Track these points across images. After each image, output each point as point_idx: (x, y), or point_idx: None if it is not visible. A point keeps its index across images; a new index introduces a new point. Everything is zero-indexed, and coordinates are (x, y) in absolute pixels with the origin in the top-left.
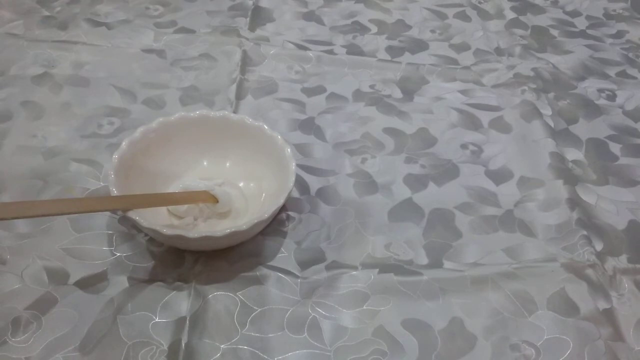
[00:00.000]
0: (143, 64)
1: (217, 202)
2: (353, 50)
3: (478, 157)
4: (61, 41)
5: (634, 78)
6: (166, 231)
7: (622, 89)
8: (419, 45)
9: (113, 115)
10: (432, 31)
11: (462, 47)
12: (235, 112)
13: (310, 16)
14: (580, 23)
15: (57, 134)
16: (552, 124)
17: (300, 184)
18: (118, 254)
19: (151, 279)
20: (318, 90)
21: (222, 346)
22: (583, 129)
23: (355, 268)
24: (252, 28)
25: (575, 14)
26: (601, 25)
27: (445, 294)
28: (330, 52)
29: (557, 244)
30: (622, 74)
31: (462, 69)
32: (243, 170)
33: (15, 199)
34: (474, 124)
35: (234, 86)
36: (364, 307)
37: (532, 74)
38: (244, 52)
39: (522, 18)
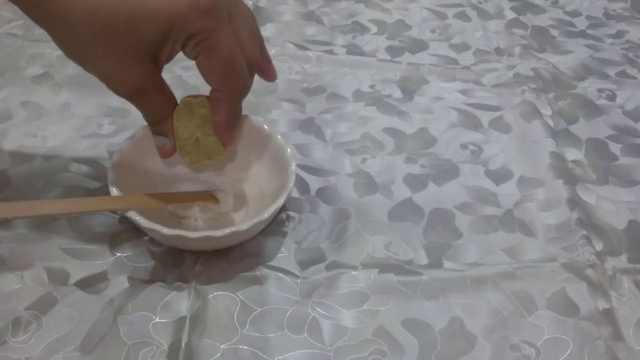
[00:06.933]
0: None
1: (217, 202)
2: (353, 50)
3: (478, 157)
4: None
5: (634, 78)
6: (166, 231)
7: (622, 89)
8: (419, 45)
9: (113, 115)
10: (432, 31)
11: (462, 47)
12: None
13: (310, 16)
14: (580, 23)
15: (57, 134)
16: (552, 124)
17: (300, 184)
18: (118, 254)
19: (151, 279)
20: (318, 90)
21: (222, 346)
22: (583, 129)
23: (355, 268)
24: None
25: (575, 14)
26: (601, 25)
27: (445, 294)
28: (330, 52)
29: (557, 244)
30: (622, 74)
31: (462, 69)
32: (243, 170)
33: (15, 199)
34: (473, 124)
35: None
36: (364, 307)
37: (532, 74)
38: None
39: (522, 18)
